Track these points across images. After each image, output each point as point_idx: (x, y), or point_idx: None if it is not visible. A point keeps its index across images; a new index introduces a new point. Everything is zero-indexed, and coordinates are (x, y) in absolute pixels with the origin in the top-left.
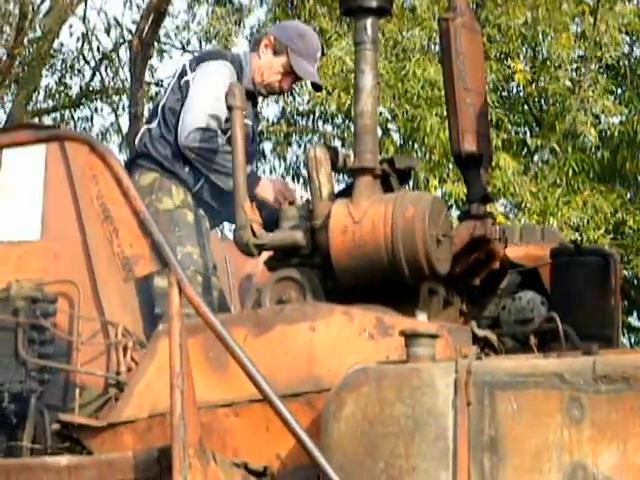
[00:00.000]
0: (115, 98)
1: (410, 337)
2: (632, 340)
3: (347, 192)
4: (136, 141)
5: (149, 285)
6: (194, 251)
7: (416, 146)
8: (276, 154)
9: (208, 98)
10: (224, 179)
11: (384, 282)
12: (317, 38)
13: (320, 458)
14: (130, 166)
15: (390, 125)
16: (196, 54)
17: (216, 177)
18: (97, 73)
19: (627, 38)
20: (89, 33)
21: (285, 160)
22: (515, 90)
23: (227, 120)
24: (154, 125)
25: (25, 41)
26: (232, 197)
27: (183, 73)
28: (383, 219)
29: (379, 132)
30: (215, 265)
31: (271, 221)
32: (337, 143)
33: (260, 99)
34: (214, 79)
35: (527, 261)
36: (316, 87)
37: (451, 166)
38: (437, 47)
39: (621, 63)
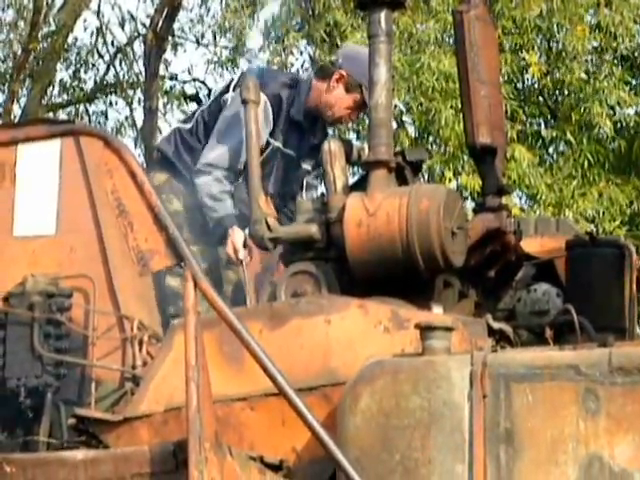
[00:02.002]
0: (130, 92)
1: (425, 330)
2: None
3: (361, 184)
4: (161, 137)
5: (162, 284)
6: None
7: (431, 139)
8: None
9: (233, 142)
10: (207, 217)
11: (399, 275)
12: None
13: (336, 451)
14: (148, 162)
15: (405, 118)
16: (253, 67)
17: (204, 209)
18: (111, 67)
19: None
20: (103, 27)
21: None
22: (530, 82)
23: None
24: (187, 127)
25: (39, 36)
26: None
27: (228, 88)
28: (398, 212)
29: (394, 125)
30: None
31: None
32: (352, 136)
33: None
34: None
35: (542, 253)
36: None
37: (466, 158)
38: (452, 39)
39: (636, 54)
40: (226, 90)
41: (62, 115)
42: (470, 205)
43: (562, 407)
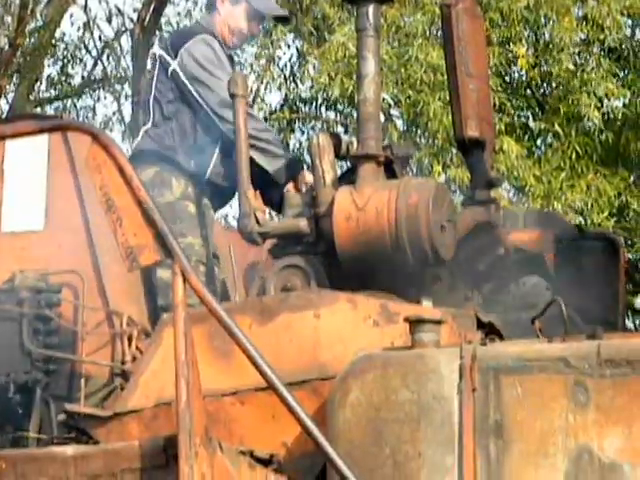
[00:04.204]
0: (117, 87)
1: (415, 323)
2: (637, 323)
3: (348, 177)
4: (134, 144)
5: (152, 276)
6: (196, 242)
7: (419, 131)
8: None
9: (223, 79)
10: (270, 160)
11: (388, 269)
12: None
13: (326, 445)
14: (134, 160)
15: (393, 111)
16: (165, 40)
17: (262, 159)
18: (99, 62)
19: (629, 21)
20: (91, 22)
21: (288, 147)
22: (518, 74)
23: None
24: (149, 125)
25: (26, 31)
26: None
27: (164, 63)
28: (387, 206)
29: (382, 118)
30: (215, 254)
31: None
32: (340, 130)
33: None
34: (211, 57)
35: (531, 246)
36: (283, 20)
37: (454, 151)
38: (439, 32)
39: (624, 46)
40: (164, 65)
41: (50, 110)
42: (459, 198)
43: (551, 399)
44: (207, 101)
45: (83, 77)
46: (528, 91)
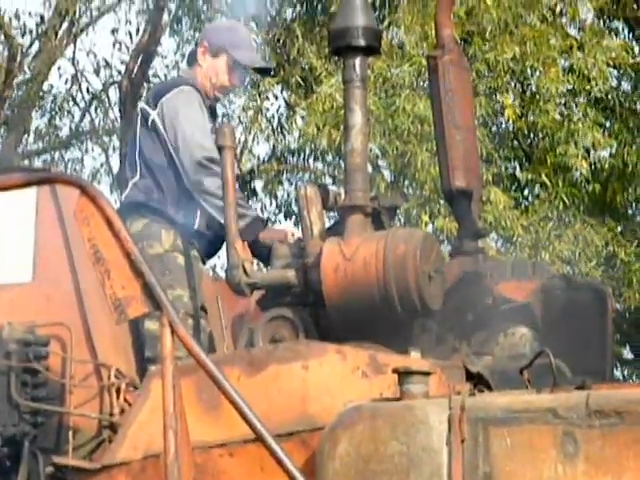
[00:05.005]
0: (105, 139)
1: (403, 375)
2: (625, 373)
3: (336, 228)
4: (123, 197)
5: (139, 328)
6: (184, 294)
7: (407, 182)
8: (267, 192)
9: (196, 130)
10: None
11: (377, 319)
12: (244, 27)
13: None
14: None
15: (380, 162)
16: (148, 93)
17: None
18: (87, 114)
19: (615, 72)
20: (78, 74)
21: (276, 198)
22: (504, 125)
23: None
24: (137, 177)
25: (14, 83)
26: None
27: (146, 114)
28: (375, 256)
29: (370, 169)
30: (203, 306)
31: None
32: (328, 180)
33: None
34: (189, 108)
35: (519, 296)
36: (266, 71)
37: (442, 201)
38: (426, 82)
39: (610, 96)
40: (145, 117)
41: (38, 163)
42: (447, 248)
43: (541, 451)
44: (182, 161)
45: (71, 129)
46: (515, 141)
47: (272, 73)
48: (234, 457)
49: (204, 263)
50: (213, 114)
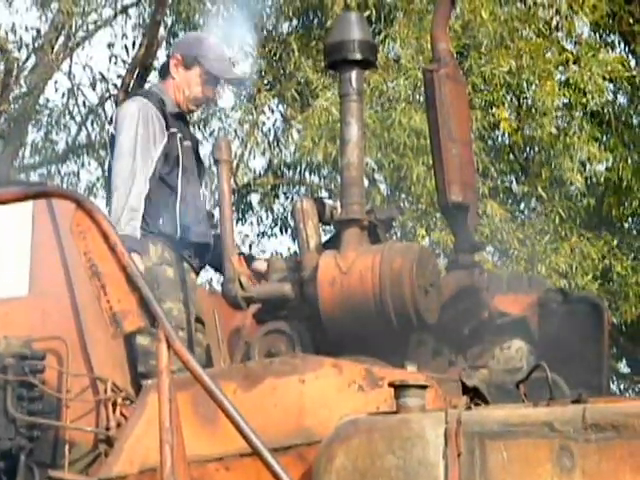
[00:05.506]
0: (102, 153)
1: (399, 388)
2: (622, 387)
3: (332, 242)
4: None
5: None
6: (174, 307)
7: (403, 195)
8: (263, 206)
9: (137, 140)
10: None
11: (373, 333)
12: (216, 38)
13: None
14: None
15: (377, 175)
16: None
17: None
18: (83, 128)
19: (611, 86)
20: (75, 88)
21: (272, 212)
22: (500, 138)
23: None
24: None
25: (10, 97)
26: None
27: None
28: (371, 270)
29: (366, 182)
30: (200, 319)
31: None
32: (324, 194)
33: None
34: (131, 121)
35: (515, 309)
36: (239, 82)
37: (438, 215)
38: (422, 96)
39: (606, 110)
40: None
41: (34, 177)
42: (443, 262)
43: (537, 464)
44: (113, 168)
45: (67, 143)
46: (511, 155)
47: (247, 83)
48: (230, 471)
49: (197, 274)
50: (184, 123)
